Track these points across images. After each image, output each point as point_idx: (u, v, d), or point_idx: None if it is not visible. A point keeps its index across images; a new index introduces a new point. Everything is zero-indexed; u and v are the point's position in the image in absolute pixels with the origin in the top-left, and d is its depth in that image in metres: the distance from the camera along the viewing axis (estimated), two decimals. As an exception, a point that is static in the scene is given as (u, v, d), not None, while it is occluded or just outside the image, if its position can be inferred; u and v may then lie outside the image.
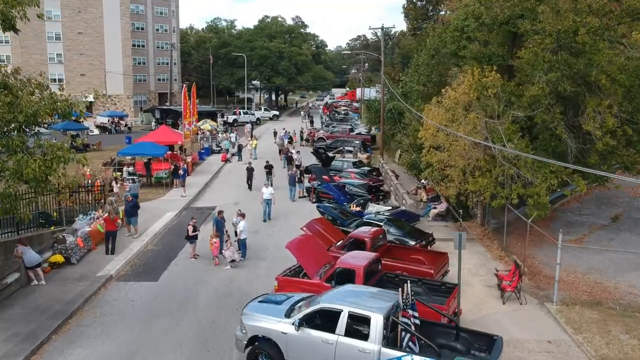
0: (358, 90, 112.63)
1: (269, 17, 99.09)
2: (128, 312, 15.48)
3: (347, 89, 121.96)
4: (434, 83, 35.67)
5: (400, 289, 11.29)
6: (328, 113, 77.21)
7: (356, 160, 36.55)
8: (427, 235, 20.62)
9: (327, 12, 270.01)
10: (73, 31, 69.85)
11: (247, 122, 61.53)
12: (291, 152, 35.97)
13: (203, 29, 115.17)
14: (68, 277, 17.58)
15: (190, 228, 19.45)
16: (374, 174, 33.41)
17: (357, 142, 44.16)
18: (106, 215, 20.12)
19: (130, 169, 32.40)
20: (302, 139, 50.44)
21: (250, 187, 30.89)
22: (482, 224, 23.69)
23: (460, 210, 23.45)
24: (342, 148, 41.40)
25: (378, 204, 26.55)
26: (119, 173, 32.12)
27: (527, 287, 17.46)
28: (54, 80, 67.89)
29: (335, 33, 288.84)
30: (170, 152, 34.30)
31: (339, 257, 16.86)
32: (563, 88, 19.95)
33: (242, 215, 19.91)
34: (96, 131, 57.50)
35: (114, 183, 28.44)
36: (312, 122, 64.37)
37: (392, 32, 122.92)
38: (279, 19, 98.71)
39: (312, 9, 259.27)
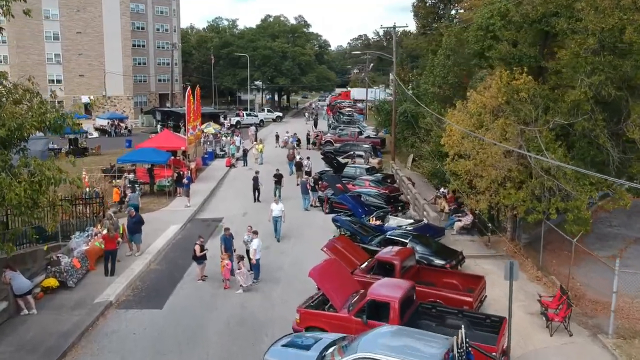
0: (354, 91, 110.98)
1: (271, 16, 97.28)
2: (129, 348, 13.68)
3: (347, 88, 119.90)
4: (450, 85, 33.99)
5: (455, 337, 9.50)
6: (332, 114, 75.22)
7: (369, 166, 34.59)
8: (457, 254, 18.78)
9: (327, 12, 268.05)
10: (72, 31, 67.93)
11: (250, 124, 59.67)
12: (301, 158, 34.03)
13: (204, 28, 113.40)
14: (63, 304, 15.77)
15: (198, 248, 17.62)
16: (389, 181, 31.53)
17: (367, 146, 42.20)
18: (105, 232, 18.31)
19: (131, 176, 30.60)
20: (309, 142, 48.55)
21: (256, 198, 28.61)
22: (512, 239, 21.88)
23: (490, 225, 21.73)
24: (352, 153, 39.36)
25: (396, 215, 24.69)
26: (118, 181, 30.32)
27: (573, 314, 15.64)
28: (52, 81, 66.24)
29: (335, 33, 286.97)
30: (172, 157, 32.52)
31: (365, 283, 15.14)
32: (607, 92, 18.17)
33: (255, 233, 18.08)
34: (95, 134, 55.67)
35: (128, 191, 26.58)
36: (316, 124, 62.30)
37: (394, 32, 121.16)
38: (282, 18, 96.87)
39: (312, 9, 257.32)
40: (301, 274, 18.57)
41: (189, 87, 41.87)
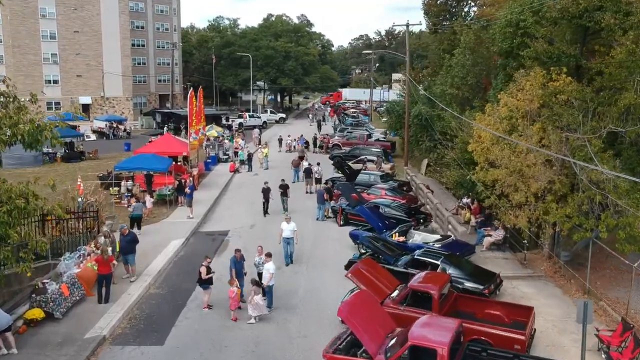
0: (345, 91, 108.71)
1: (274, 15, 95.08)
2: (125, 398, 11.64)
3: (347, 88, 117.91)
4: (470, 86, 31.99)
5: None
6: (335, 116, 73.06)
7: (383, 173, 32.44)
8: (494, 277, 16.69)
9: (327, 12, 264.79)
10: (69, 30, 65.74)
11: (254, 126, 57.57)
12: (310, 164, 31.89)
13: (205, 28, 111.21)
14: (49, 340, 13.65)
15: (204, 270, 15.53)
16: (405, 189, 29.37)
17: (378, 149, 40.05)
18: (99, 254, 16.22)
19: (129, 183, 28.56)
20: (315, 145, 46.48)
21: (265, 211, 26.08)
22: (549, 256, 19.81)
23: (526, 241, 19.67)
24: (363, 157, 37.18)
25: (418, 229, 22.53)
26: (116, 189, 28.27)
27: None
28: (49, 81, 64.19)
29: (335, 33, 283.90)
30: (174, 163, 30.42)
31: (398, 316, 13.12)
32: (664, 95, 16.16)
33: (269, 255, 15.95)
34: (93, 137, 53.55)
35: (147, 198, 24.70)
36: (319, 127, 60.05)
37: (396, 32, 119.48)
38: (284, 17, 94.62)
39: (312, 9, 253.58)
40: (319, 300, 16.57)
41: (191, 89, 39.76)
